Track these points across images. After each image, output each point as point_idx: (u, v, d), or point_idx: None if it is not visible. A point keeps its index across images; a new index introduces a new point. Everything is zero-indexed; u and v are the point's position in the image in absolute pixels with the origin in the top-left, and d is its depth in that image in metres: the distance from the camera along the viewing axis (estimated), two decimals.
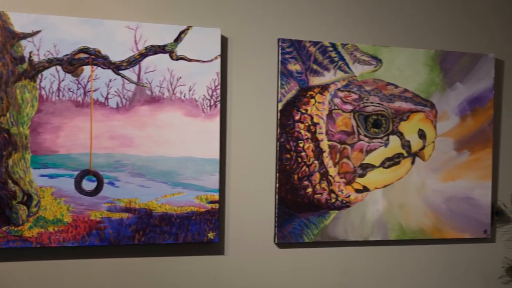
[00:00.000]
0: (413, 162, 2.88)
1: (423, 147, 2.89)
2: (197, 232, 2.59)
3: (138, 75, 2.52)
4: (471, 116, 2.94)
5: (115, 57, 2.49)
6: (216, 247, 2.67)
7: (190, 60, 2.57)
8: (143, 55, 2.52)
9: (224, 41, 2.66)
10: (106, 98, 2.49)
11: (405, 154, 2.86)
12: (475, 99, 2.95)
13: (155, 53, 2.54)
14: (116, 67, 2.49)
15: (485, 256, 3.03)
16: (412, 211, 2.88)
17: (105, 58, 2.48)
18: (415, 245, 2.93)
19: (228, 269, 2.69)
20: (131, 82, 2.51)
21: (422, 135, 2.88)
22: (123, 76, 2.50)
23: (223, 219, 2.67)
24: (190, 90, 2.57)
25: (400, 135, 2.85)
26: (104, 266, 2.55)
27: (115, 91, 2.50)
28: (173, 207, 2.56)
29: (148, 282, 2.59)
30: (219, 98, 2.60)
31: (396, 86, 2.84)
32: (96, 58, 2.47)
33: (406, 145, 2.86)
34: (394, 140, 2.84)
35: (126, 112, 2.51)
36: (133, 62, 2.51)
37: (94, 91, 2.48)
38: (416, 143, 2.88)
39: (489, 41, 3.04)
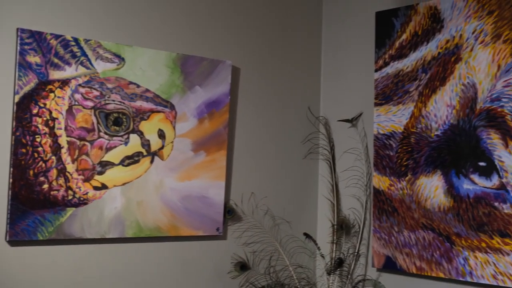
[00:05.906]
0: (152, 161, 2.94)
1: (162, 147, 2.97)
2: None
3: None
4: (208, 119, 3.09)
5: None
6: None
7: None
8: None
9: None
10: None
11: (145, 153, 2.92)
12: (213, 103, 3.10)
13: None
14: None
15: (217, 252, 3.19)
16: (149, 209, 2.93)
17: None
18: (152, 242, 2.98)
19: None
20: None
21: (161, 135, 2.96)
22: None
23: None
24: None
25: (141, 134, 2.89)
26: None
27: None
28: None
29: None
30: None
31: (138, 86, 2.88)
32: None
33: (146, 144, 2.91)
34: (134, 138, 2.88)
35: None
36: None
37: None
38: (155, 143, 2.94)
39: (227, 49, 3.21)
